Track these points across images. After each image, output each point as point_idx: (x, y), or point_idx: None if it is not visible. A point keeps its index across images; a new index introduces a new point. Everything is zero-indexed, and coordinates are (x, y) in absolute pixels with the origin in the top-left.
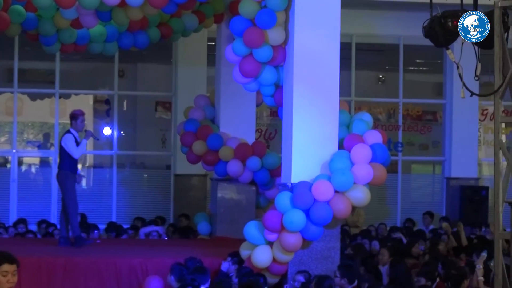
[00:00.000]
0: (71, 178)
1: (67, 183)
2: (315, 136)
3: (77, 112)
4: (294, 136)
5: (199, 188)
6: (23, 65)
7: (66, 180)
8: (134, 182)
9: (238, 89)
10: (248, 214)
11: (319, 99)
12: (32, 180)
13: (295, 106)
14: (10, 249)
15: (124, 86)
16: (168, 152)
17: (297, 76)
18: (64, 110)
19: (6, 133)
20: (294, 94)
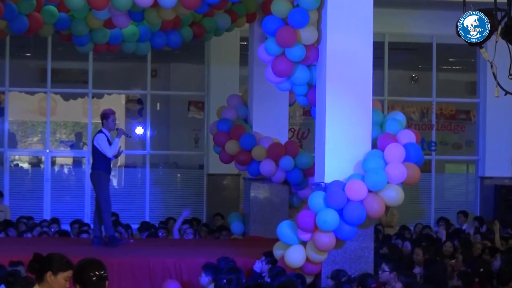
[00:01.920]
0: (104, 177)
1: (101, 183)
2: (348, 136)
3: (107, 112)
4: (327, 136)
5: (232, 188)
6: (56, 65)
7: (99, 179)
8: (167, 182)
9: (270, 88)
10: (281, 213)
11: (352, 98)
12: (65, 180)
13: (328, 105)
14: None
15: (157, 85)
16: (201, 151)
17: (330, 75)
18: (97, 110)
19: (39, 133)
20: (327, 93)
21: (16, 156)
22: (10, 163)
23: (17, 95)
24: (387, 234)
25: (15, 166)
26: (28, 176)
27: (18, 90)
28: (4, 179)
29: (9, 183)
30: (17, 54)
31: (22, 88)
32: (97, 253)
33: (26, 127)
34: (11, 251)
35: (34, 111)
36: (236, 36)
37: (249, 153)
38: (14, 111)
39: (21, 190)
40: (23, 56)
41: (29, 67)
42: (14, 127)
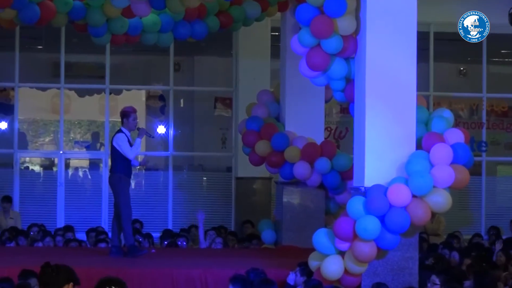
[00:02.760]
0: (125, 181)
1: (121, 187)
2: (390, 135)
3: (128, 109)
4: (367, 135)
5: (262, 192)
6: (70, 58)
7: (119, 184)
8: (192, 186)
9: (305, 83)
10: (316, 221)
11: (394, 94)
12: (81, 184)
13: (367, 101)
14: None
15: (180, 80)
16: (229, 153)
17: (370, 69)
18: (114, 107)
19: (52, 133)
20: (366, 89)
21: (26, 158)
22: (20, 166)
23: (28, 91)
24: (433, 243)
25: (26, 169)
26: (39, 180)
27: (29, 86)
28: (14, 183)
29: (19, 188)
30: (27, 46)
31: (33, 84)
32: (115, 264)
33: (37, 127)
34: (22, 262)
35: (46, 108)
36: (266, 26)
37: (281, 154)
38: (24, 109)
39: (32, 195)
40: (34, 48)
41: (40, 61)
42: (24, 126)
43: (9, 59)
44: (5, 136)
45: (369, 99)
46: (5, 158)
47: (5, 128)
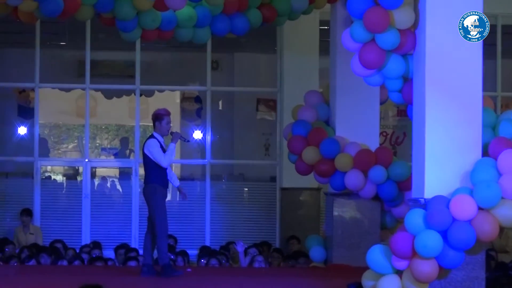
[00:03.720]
0: (160, 193)
1: (157, 199)
2: (453, 140)
3: (161, 112)
4: (427, 141)
5: (310, 204)
6: (96, 56)
7: (154, 195)
8: (232, 198)
9: (357, 83)
10: (371, 236)
11: (457, 95)
12: (108, 195)
13: (427, 103)
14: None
15: (219, 80)
16: (273, 161)
17: (430, 66)
18: (145, 110)
19: (76, 139)
20: (426, 89)
21: (48, 167)
22: (41, 175)
23: (49, 92)
24: (501, 261)
25: (47, 179)
26: (62, 191)
27: (51, 87)
28: (35, 195)
29: (40, 200)
30: (49, 43)
31: (55, 84)
32: (147, 285)
33: (60, 132)
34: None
35: (69, 111)
36: (314, 20)
37: (331, 162)
38: (45, 112)
39: (55, 208)
40: (56, 45)
41: (63, 59)
42: (45, 131)
43: (29, 57)
44: (25, 142)
45: (430, 100)
46: (25, 167)
47: (25, 133)
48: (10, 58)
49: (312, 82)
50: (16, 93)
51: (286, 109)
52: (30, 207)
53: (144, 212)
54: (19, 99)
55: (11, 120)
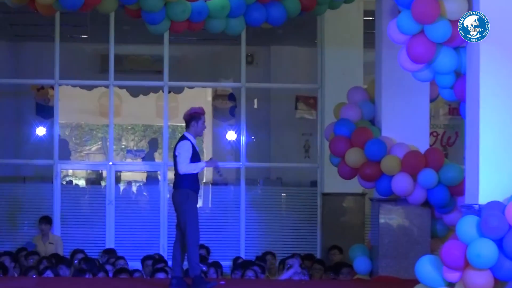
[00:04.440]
0: (192, 198)
1: (188, 206)
2: (509, 141)
3: (199, 111)
4: (481, 141)
5: (354, 211)
6: (120, 50)
7: (186, 201)
8: (268, 204)
9: (405, 78)
10: (420, 246)
11: None
12: (134, 201)
13: (482, 100)
14: None
15: (254, 76)
16: (313, 163)
17: (485, 60)
18: (174, 108)
19: (99, 140)
20: (480, 85)
21: (69, 171)
22: (61, 180)
23: (70, 90)
24: None
25: (68, 184)
26: (85, 197)
27: (71, 84)
28: (54, 201)
29: (61, 207)
30: (69, 36)
31: (77, 81)
32: None
33: (81, 132)
34: None
35: (92, 110)
36: (358, 10)
37: (377, 165)
38: (66, 111)
39: (76, 215)
40: (77, 38)
41: (85, 53)
42: (66, 132)
43: (48, 51)
44: (44, 144)
45: (484, 97)
46: (44, 171)
47: (43, 134)
48: (27, 53)
49: (356, 78)
50: (34, 90)
51: (328, 107)
52: (49, 214)
53: (173, 219)
54: (37, 97)
55: (29, 120)
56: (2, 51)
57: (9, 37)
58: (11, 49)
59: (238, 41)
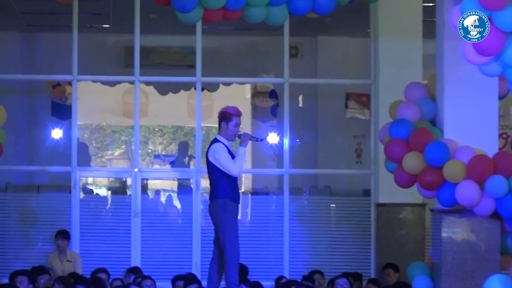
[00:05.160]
0: (231, 209)
1: (226, 218)
2: None
3: (230, 111)
4: None
5: (413, 224)
6: (147, 41)
7: (224, 213)
8: (315, 216)
9: (471, 73)
10: (489, 263)
11: None
12: (163, 213)
13: None
14: None
15: (299, 70)
16: (366, 170)
17: None
18: (208, 107)
19: (123, 144)
20: None
21: (89, 179)
22: (80, 189)
23: (90, 86)
24: None
25: (88, 194)
26: (106, 208)
27: (91, 79)
28: (72, 213)
29: (80, 220)
30: (89, 26)
31: (97, 76)
32: None
33: (103, 135)
34: None
35: (115, 110)
36: None
37: (439, 171)
38: (85, 111)
39: (97, 229)
40: (98, 28)
41: (107, 45)
42: (85, 135)
43: (65, 44)
44: (60, 148)
45: None
46: (61, 179)
47: (60, 137)
48: (41, 45)
49: (415, 72)
50: (49, 87)
51: (383, 105)
52: (67, 228)
53: (208, 234)
54: (53, 94)
55: (43, 121)
56: (13, 43)
57: (21, 27)
58: (24, 40)
59: (281, 31)
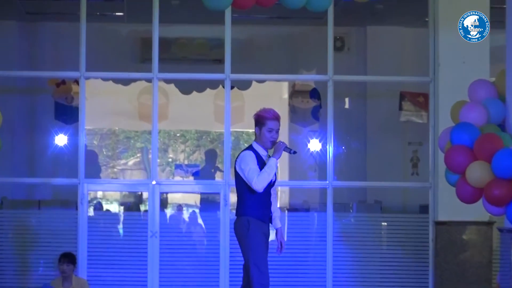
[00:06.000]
0: (256, 229)
1: (250, 239)
2: None
3: (263, 114)
4: None
5: (479, 245)
6: (167, 32)
7: (248, 232)
8: (364, 236)
9: None
10: None
11: None
12: (186, 233)
13: None
14: None
15: (345, 66)
16: (424, 182)
17: None
18: (239, 109)
19: (138, 152)
20: None
21: (98, 193)
22: (88, 205)
23: (100, 85)
24: None
25: (98, 211)
26: (119, 227)
27: (102, 77)
28: (79, 233)
29: (88, 240)
30: (99, 13)
31: (109, 73)
32: None
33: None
34: None
35: (129, 112)
36: None
37: (509, 184)
38: (94, 114)
39: (108, 251)
40: (110, 17)
41: (120, 37)
42: (94, 141)
43: (71, 34)
44: (65, 157)
45: None
46: (66, 193)
47: (65, 144)
48: (43, 36)
49: (481, 68)
50: (53, 85)
51: (443, 107)
52: (73, 251)
53: (238, 257)
54: (56, 94)
55: (46, 125)
56: (11, 34)
57: (19, 15)
58: (23, 31)
59: (324, 20)
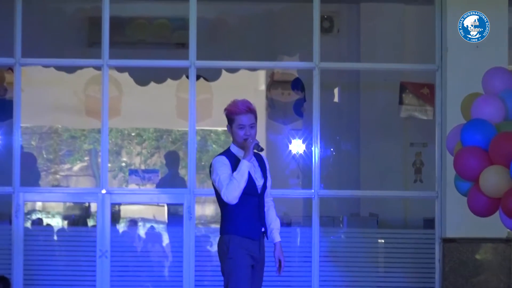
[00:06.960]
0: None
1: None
2: None
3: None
4: None
5: (495, 267)
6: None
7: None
8: (357, 255)
9: None
10: None
11: None
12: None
13: None
14: None
15: (334, 51)
16: (429, 192)
17: None
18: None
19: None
20: None
21: (37, 204)
22: (25, 218)
23: (40, 73)
24: None
25: (36, 225)
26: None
27: (41, 64)
28: (14, 252)
29: (24, 260)
30: None
31: (50, 60)
32: None
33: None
34: None
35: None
36: None
37: None
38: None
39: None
40: None
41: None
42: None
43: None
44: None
45: None
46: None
47: None
48: None
49: (497, 54)
50: None
51: (452, 100)
52: (5, 273)
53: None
54: None
55: None
56: None
57: None
58: None
59: None
